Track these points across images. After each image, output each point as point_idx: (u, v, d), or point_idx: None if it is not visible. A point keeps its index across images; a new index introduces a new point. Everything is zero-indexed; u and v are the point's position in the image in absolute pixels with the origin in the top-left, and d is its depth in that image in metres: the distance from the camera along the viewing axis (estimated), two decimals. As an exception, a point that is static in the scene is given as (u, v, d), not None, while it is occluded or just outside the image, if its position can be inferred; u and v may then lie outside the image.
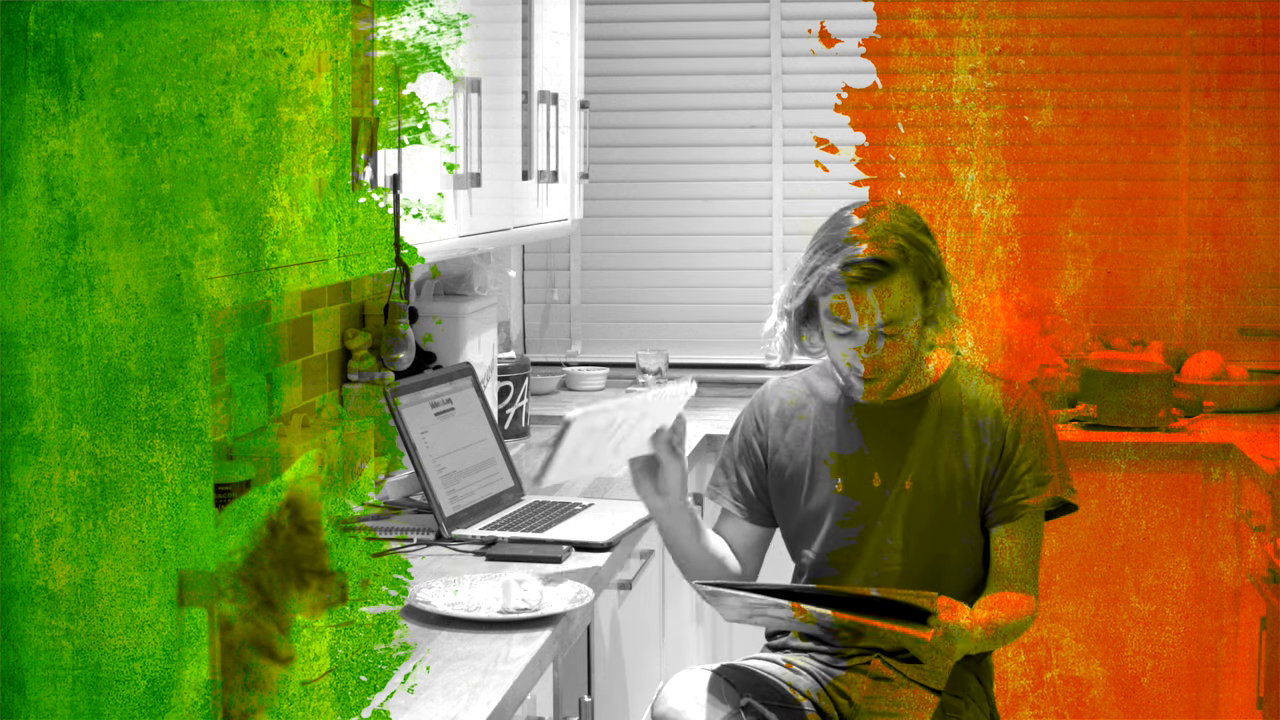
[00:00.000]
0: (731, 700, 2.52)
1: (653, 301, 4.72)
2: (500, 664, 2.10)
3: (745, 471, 2.76)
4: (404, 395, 2.85)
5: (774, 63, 4.60)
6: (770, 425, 2.74)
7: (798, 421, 2.73)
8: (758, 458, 2.75)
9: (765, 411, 2.76)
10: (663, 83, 4.66)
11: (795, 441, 2.72)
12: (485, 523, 2.85)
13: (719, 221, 4.66)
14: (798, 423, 2.73)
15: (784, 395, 2.76)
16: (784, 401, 2.76)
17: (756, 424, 2.76)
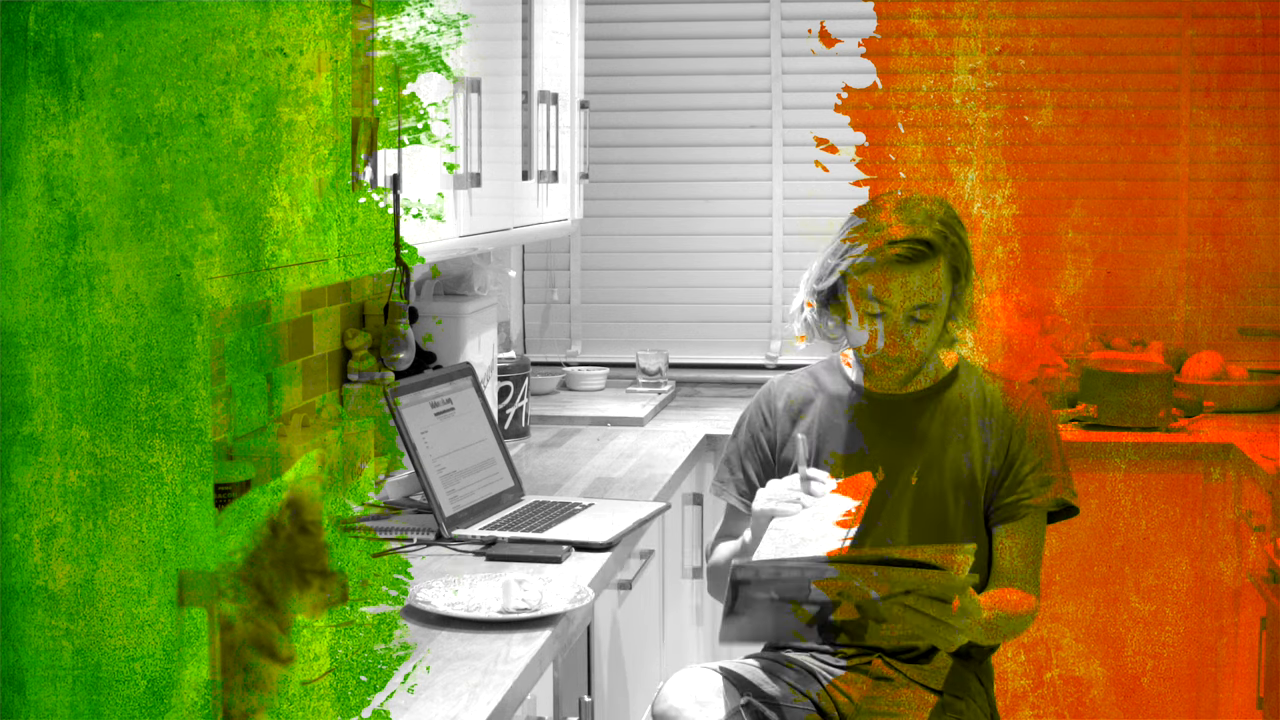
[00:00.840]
0: (732, 699, 2.52)
1: (653, 301, 4.72)
2: (500, 664, 2.10)
3: (752, 467, 2.75)
4: (404, 395, 2.85)
5: (774, 63, 4.60)
6: (778, 420, 2.74)
7: (805, 416, 2.73)
8: (765, 453, 2.74)
9: (773, 406, 2.75)
10: (663, 83, 4.66)
11: (803, 436, 2.72)
12: (485, 523, 2.85)
13: (719, 221, 4.67)
14: (805, 418, 2.72)
15: (791, 390, 2.76)
16: (791, 396, 2.75)
17: (764, 419, 2.76)
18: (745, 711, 2.51)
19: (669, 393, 4.41)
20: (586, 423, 4.04)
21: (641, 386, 4.44)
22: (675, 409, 4.29)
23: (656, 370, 4.45)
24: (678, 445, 3.74)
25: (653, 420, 4.11)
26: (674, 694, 2.54)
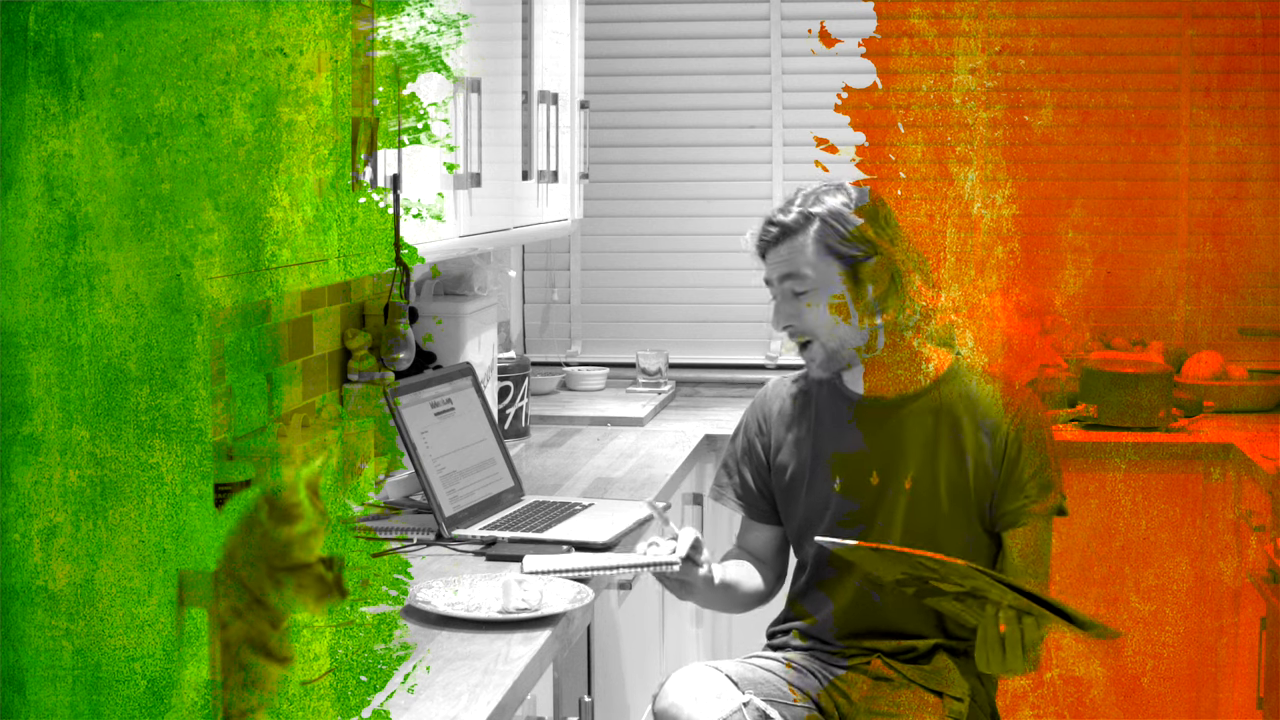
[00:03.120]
0: (733, 698, 2.52)
1: (653, 301, 4.72)
2: (500, 664, 2.10)
3: (748, 472, 2.77)
4: (404, 395, 2.85)
5: (774, 63, 4.60)
6: (772, 425, 2.76)
7: (799, 420, 2.73)
8: (760, 458, 2.76)
9: (768, 411, 2.77)
10: (663, 83, 4.66)
11: (796, 440, 2.73)
12: (485, 523, 2.85)
13: (719, 221, 4.66)
14: (799, 421, 2.73)
15: (785, 394, 2.78)
16: (785, 400, 2.77)
17: (759, 424, 2.78)
18: (746, 710, 2.51)
19: (669, 393, 4.41)
20: (586, 423, 4.04)
21: (641, 386, 4.44)
22: (675, 409, 4.29)
23: (656, 370, 4.45)
24: (678, 445, 3.74)
25: (653, 420, 4.11)
26: (675, 691, 2.54)
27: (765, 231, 2.67)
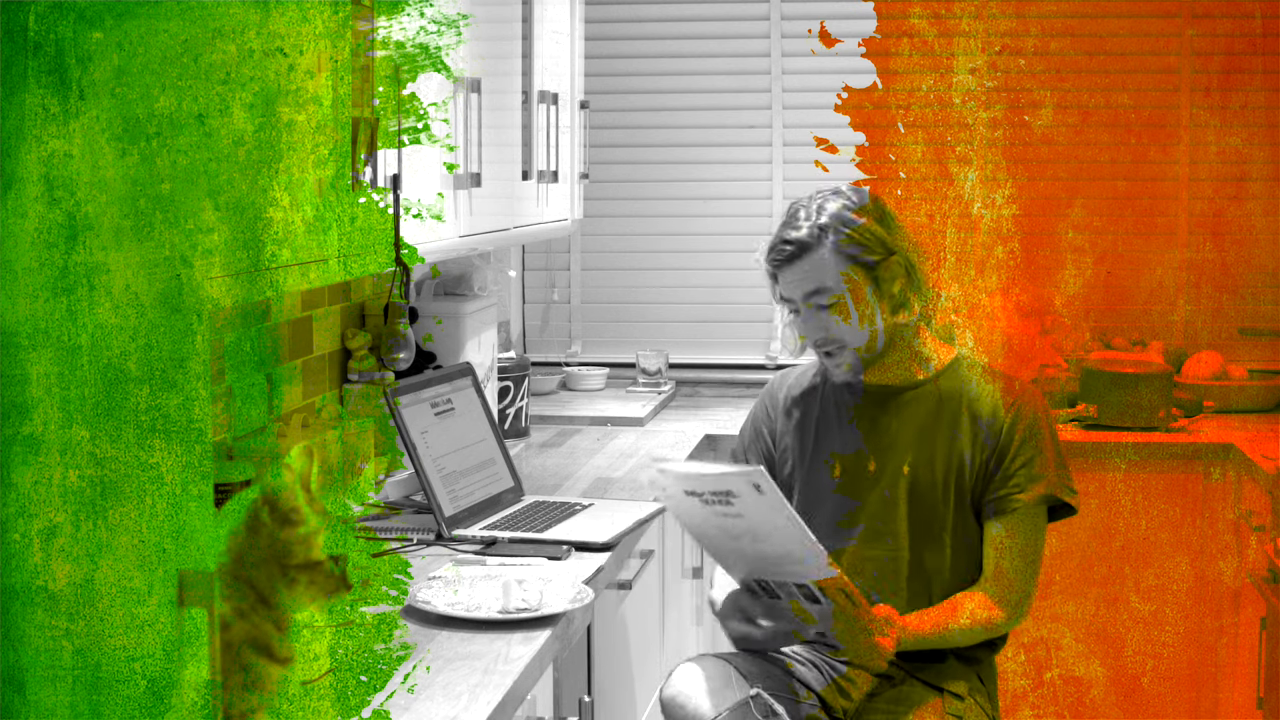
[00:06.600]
0: (740, 690, 2.52)
1: (653, 301, 4.72)
2: (500, 664, 2.10)
3: (754, 459, 2.80)
4: (404, 395, 2.85)
5: (774, 63, 4.60)
6: (778, 413, 2.80)
7: (802, 408, 2.77)
8: (767, 445, 2.80)
9: (775, 399, 2.83)
10: (663, 83, 4.66)
11: (799, 427, 2.76)
12: (485, 523, 2.85)
13: (719, 221, 4.66)
14: (802, 409, 2.77)
15: (792, 383, 2.83)
16: (791, 389, 2.82)
17: (767, 412, 2.83)
18: (754, 704, 2.51)
19: (669, 393, 4.41)
20: (586, 423, 4.04)
21: (641, 386, 4.44)
22: (675, 409, 4.29)
23: (656, 370, 4.45)
24: (678, 445, 3.75)
25: (653, 420, 4.11)
26: (683, 681, 2.54)
27: (780, 250, 2.65)
